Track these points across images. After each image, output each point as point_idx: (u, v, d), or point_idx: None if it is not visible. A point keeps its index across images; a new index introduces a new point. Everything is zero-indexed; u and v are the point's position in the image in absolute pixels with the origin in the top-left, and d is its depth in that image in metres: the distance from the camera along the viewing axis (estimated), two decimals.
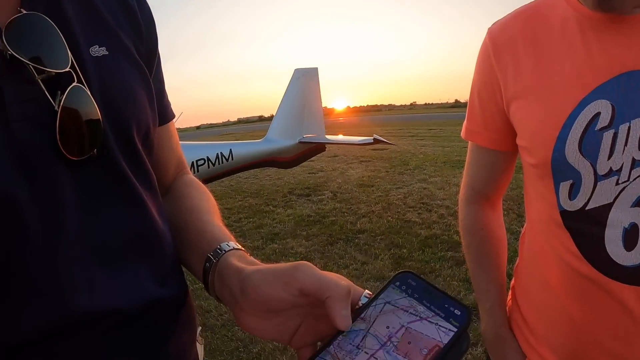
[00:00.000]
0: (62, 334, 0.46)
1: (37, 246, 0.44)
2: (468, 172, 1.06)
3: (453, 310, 0.41)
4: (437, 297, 0.43)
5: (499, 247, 1.08)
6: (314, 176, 9.85)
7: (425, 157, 11.91)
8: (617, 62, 0.71)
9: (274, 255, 4.87)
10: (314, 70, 7.22)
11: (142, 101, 0.59)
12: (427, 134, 20.69)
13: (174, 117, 0.78)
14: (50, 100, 0.46)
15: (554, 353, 0.90)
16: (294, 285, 0.44)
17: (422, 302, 0.43)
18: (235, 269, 0.51)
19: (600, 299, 0.78)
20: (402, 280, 0.46)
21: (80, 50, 0.51)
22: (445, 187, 7.82)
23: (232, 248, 0.56)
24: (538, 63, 0.80)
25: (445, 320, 0.41)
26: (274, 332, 0.49)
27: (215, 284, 0.54)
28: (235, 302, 0.49)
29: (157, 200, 0.63)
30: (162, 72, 0.72)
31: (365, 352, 0.41)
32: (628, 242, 0.73)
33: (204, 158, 5.08)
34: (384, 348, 0.40)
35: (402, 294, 0.45)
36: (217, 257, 0.55)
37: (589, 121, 0.73)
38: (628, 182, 0.71)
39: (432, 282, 0.45)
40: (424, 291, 0.44)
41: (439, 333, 0.40)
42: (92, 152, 0.49)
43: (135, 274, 0.54)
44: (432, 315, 0.42)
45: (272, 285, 0.45)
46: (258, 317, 0.48)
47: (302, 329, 0.49)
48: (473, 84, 0.95)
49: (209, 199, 0.74)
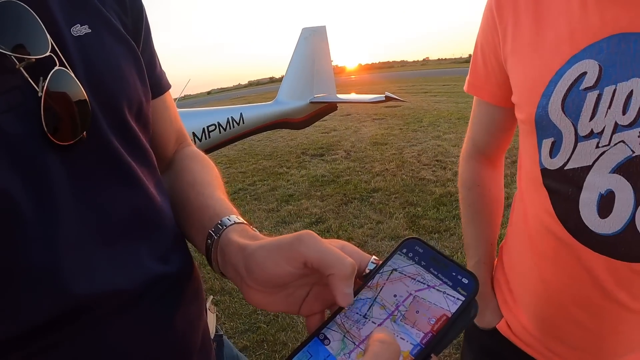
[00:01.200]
0: (65, 320, 0.46)
1: (34, 236, 0.43)
2: (471, 126, 1.07)
3: (460, 279, 0.41)
4: (444, 265, 0.42)
5: (494, 205, 1.08)
6: (326, 136, 9.81)
7: (439, 113, 11.77)
8: (611, 22, 0.68)
9: (289, 217, 4.90)
10: (322, 29, 7.08)
11: (130, 76, 0.58)
12: (440, 90, 20.39)
13: (169, 88, 0.76)
14: (34, 87, 0.45)
15: (527, 315, 0.92)
16: (297, 259, 0.44)
17: (429, 269, 0.43)
18: (238, 246, 0.50)
19: (570, 264, 0.79)
20: (409, 247, 0.46)
21: (61, 32, 0.50)
22: (460, 143, 7.68)
23: (234, 222, 0.55)
24: (536, 20, 0.78)
25: (452, 289, 0.40)
26: (283, 304, 0.48)
27: (219, 260, 0.54)
28: (241, 279, 0.49)
29: (155, 176, 0.62)
30: (152, 43, 0.71)
31: (372, 322, 0.41)
32: (603, 209, 0.72)
33: (215, 123, 5.05)
34: (392, 317, 0.40)
35: (409, 261, 0.44)
36: (218, 233, 0.54)
37: (574, 80, 0.71)
38: (608, 146, 0.70)
39: (439, 249, 0.44)
40: (431, 259, 0.44)
41: (446, 302, 0.40)
42: (82, 135, 0.48)
43: (136, 253, 0.54)
44: (440, 283, 0.41)
45: (276, 261, 0.45)
46: (265, 292, 0.47)
47: (310, 297, 0.49)
48: (477, 38, 0.95)
49: (211, 170, 0.73)
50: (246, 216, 2.10)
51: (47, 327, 0.45)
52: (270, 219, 4.89)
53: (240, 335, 2.82)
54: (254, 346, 2.72)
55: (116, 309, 0.50)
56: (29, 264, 0.43)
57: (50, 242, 0.45)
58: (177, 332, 0.59)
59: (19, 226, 0.43)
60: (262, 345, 2.72)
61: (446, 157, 6.89)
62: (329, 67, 7.24)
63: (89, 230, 0.49)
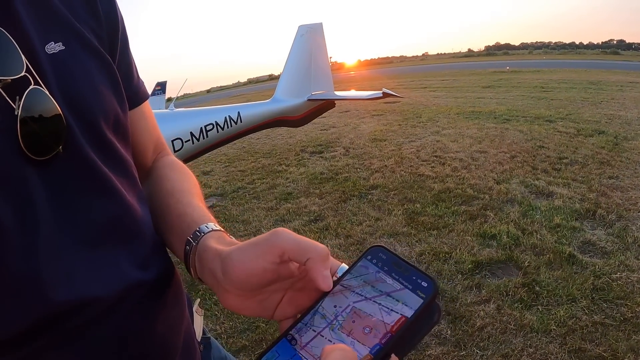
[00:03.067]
0: (46, 327, 0.47)
1: (14, 246, 0.44)
2: None
3: (420, 282, 0.43)
4: (405, 270, 0.45)
5: None
6: (325, 133, 9.80)
7: (437, 108, 11.77)
8: None
9: (287, 215, 4.89)
10: (318, 26, 7.05)
11: (105, 90, 0.59)
12: (439, 85, 20.38)
13: (147, 98, 0.78)
14: (11, 106, 0.47)
15: None
16: (274, 252, 0.46)
17: (390, 274, 0.45)
18: (215, 251, 0.52)
19: None
20: (374, 254, 0.48)
21: (36, 50, 0.51)
22: (459, 139, 7.74)
23: (211, 230, 0.57)
24: None
25: (412, 292, 0.43)
26: (258, 309, 0.51)
27: (197, 267, 0.56)
28: (218, 284, 0.50)
29: (134, 185, 0.64)
30: (130, 54, 0.72)
31: (312, 330, 0.44)
32: None
33: (212, 123, 5.04)
34: (331, 326, 0.43)
35: (373, 267, 0.47)
36: (196, 240, 0.56)
37: None
38: None
39: (401, 255, 0.47)
40: (392, 264, 0.46)
41: (389, 313, 0.42)
42: (58, 149, 0.50)
43: (115, 260, 0.55)
44: (400, 287, 0.44)
45: (252, 258, 0.47)
46: (242, 297, 0.49)
47: (284, 302, 0.51)
48: None
49: (189, 179, 0.75)
50: (245, 215, 2.13)
51: (27, 335, 0.46)
52: (269, 218, 4.88)
53: (239, 335, 2.82)
54: (252, 345, 2.71)
55: (96, 315, 0.51)
56: (8, 273, 0.44)
57: (30, 251, 0.45)
58: (157, 337, 0.60)
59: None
60: (260, 344, 2.71)
61: (445, 152, 6.88)
62: (327, 64, 7.22)
63: (68, 240, 0.50)
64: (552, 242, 3.64)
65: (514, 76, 22.59)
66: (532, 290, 2.99)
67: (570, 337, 2.51)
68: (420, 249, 3.74)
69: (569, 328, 2.59)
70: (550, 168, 5.69)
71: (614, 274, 3.09)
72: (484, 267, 3.35)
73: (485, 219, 4.23)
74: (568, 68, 27.96)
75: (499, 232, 3.87)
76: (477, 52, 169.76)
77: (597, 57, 62.76)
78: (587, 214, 4.19)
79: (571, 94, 13.06)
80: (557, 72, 24.29)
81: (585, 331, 2.55)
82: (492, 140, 7.37)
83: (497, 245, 3.67)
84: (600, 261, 3.30)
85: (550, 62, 38.46)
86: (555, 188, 4.92)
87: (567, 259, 3.35)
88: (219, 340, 2.75)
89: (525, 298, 2.90)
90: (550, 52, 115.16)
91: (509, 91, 15.14)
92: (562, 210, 4.26)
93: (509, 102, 11.99)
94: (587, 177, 5.21)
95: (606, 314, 2.68)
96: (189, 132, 4.74)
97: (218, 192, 6.04)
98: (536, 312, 2.76)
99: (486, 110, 10.77)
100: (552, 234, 3.80)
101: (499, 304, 2.87)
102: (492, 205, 4.55)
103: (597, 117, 8.82)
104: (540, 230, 3.88)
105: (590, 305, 2.78)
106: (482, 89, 16.66)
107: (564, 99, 12.01)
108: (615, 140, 6.82)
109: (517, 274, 3.22)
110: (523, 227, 3.97)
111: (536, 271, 3.21)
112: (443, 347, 2.53)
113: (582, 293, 2.90)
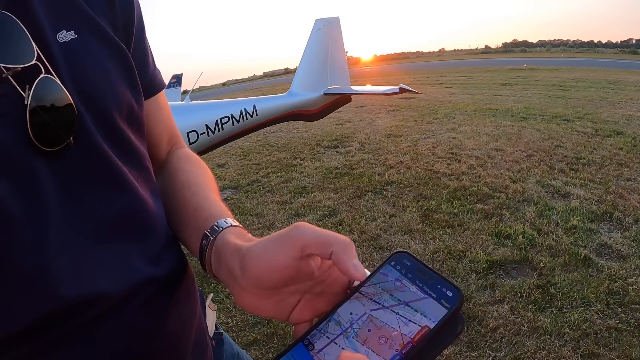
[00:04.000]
0: (54, 322, 0.46)
1: (22, 238, 0.44)
2: None
3: (445, 291, 0.42)
4: (430, 278, 0.44)
5: None
6: (341, 127, 9.78)
7: (454, 105, 11.66)
8: None
9: (301, 209, 4.89)
10: (335, 20, 7.01)
11: (118, 80, 0.58)
12: (456, 82, 20.21)
13: (163, 88, 0.76)
14: (21, 95, 0.46)
15: None
16: (295, 246, 0.44)
17: (414, 282, 0.44)
18: (234, 247, 0.50)
19: None
20: (398, 260, 0.47)
21: (47, 39, 0.50)
22: (475, 136, 7.68)
23: (230, 225, 0.56)
24: None
25: (436, 301, 0.41)
26: (273, 309, 0.49)
27: (212, 262, 0.55)
28: (234, 280, 0.49)
29: (148, 178, 0.63)
30: (146, 42, 0.71)
31: (326, 337, 0.43)
32: None
33: (228, 116, 5.04)
34: (344, 334, 0.42)
35: (397, 273, 0.46)
36: (215, 234, 0.55)
37: None
38: None
39: (426, 262, 0.46)
40: (417, 271, 0.45)
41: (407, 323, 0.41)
42: (69, 140, 0.49)
43: (126, 255, 0.54)
44: (424, 296, 0.42)
45: (272, 253, 0.45)
46: (258, 296, 0.48)
47: (301, 305, 0.50)
48: None
49: (205, 172, 0.73)
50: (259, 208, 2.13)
51: (36, 329, 0.45)
52: (283, 212, 4.89)
53: (251, 328, 2.84)
54: (264, 339, 2.73)
55: (105, 312, 0.51)
56: (16, 265, 0.44)
57: (39, 244, 0.45)
58: (168, 334, 0.59)
59: (7, 227, 0.43)
60: (272, 338, 2.73)
61: (461, 149, 6.83)
62: (343, 59, 7.18)
63: (77, 234, 0.49)
64: (568, 244, 3.60)
65: (532, 74, 22.31)
66: (547, 292, 2.97)
67: (584, 341, 2.49)
68: (434, 246, 3.72)
69: (582, 332, 2.56)
70: (568, 168, 5.63)
71: (629, 278, 3.05)
72: (499, 267, 3.32)
73: (501, 218, 4.20)
74: (586, 67, 27.56)
75: (514, 231, 3.84)
76: (494, 49, 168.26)
77: (616, 56, 61.86)
78: (603, 216, 4.14)
79: (589, 93, 12.88)
80: (575, 70, 23.97)
81: (599, 335, 2.52)
82: (508, 139, 7.30)
83: (512, 245, 3.64)
84: (616, 265, 3.26)
85: (568, 61, 37.93)
86: (572, 189, 4.87)
87: (583, 261, 3.31)
88: (231, 333, 2.78)
89: (540, 300, 2.88)
90: (568, 50, 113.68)
91: (526, 89, 14.99)
92: (579, 212, 4.21)
93: (526, 100, 11.88)
94: (605, 179, 5.14)
95: (621, 319, 2.65)
96: (204, 125, 4.75)
97: (232, 185, 6.07)
98: (550, 315, 2.74)
99: (503, 108, 10.67)
100: (568, 236, 3.76)
101: (513, 305, 2.85)
102: (507, 205, 4.52)
103: (616, 118, 8.68)
104: (556, 231, 3.85)
105: (605, 309, 2.76)
106: (499, 86, 16.51)
107: (582, 98, 11.85)
108: (634, 142, 6.71)
109: (532, 275, 3.20)
110: (539, 228, 3.94)
111: (551, 273, 3.18)
112: (455, 347, 2.52)
113: (597, 297, 2.87)
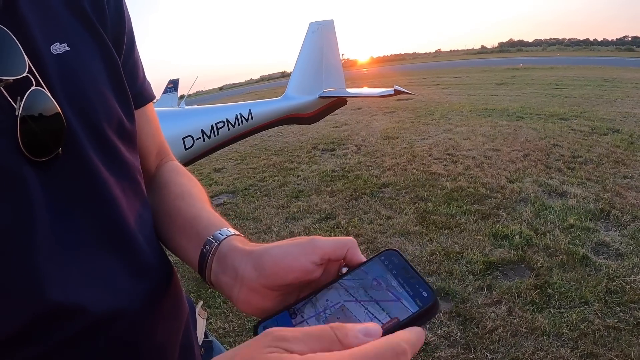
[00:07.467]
0: (38, 333, 0.46)
1: (10, 245, 0.44)
2: None
3: (422, 292, 0.45)
4: (411, 277, 0.47)
5: None
6: (337, 130, 9.79)
7: (450, 106, 11.69)
8: None
9: (298, 213, 4.88)
10: (329, 23, 7.03)
11: (109, 93, 0.59)
12: (452, 82, 20.26)
13: (152, 99, 0.77)
14: (13, 106, 0.46)
15: None
16: (317, 253, 0.49)
17: (397, 278, 0.47)
18: (244, 250, 0.53)
19: None
20: (387, 256, 0.50)
21: (40, 51, 0.51)
22: (471, 137, 7.68)
23: (233, 234, 0.58)
24: None
25: (411, 298, 0.44)
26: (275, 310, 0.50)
27: (213, 267, 0.55)
28: (241, 282, 0.51)
29: (137, 191, 0.63)
30: (136, 54, 0.71)
31: (300, 316, 0.46)
32: None
33: (224, 120, 5.04)
34: (316, 316, 0.46)
35: (382, 269, 0.49)
36: (218, 240, 0.56)
37: None
38: None
39: (413, 264, 0.51)
40: (401, 269, 0.48)
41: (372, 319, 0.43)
42: (57, 151, 0.50)
43: (111, 268, 0.54)
44: (402, 291, 0.45)
45: (294, 255, 0.49)
46: (264, 296, 0.50)
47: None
48: None
49: (197, 185, 0.74)
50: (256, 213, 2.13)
51: (21, 338, 0.45)
52: (279, 216, 4.88)
53: (247, 333, 2.82)
54: None
55: (89, 324, 0.50)
56: (5, 271, 0.43)
57: (24, 252, 0.45)
58: (153, 348, 0.59)
59: None
60: None
61: (457, 150, 6.83)
62: (338, 61, 7.20)
63: (63, 244, 0.49)
64: (566, 243, 3.59)
65: (528, 73, 22.38)
66: (544, 292, 2.96)
67: (582, 341, 2.48)
68: (431, 248, 3.72)
69: (581, 332, 2.55)
70: (564, 167, 5.63)
71: (628, 277, 3.04)
72: (496, 268, 3.32)
73: (498, 219, 4.20)
74: (582, 65, 27.69)
75: (511, 232, 3.84)
76: (490, 49, 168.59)
77: (612, 53, 62.05)
78: (601, 214, 4.13)
79: (585, 92, 12.91)
80: (571, 69, 24.06)
81: (598, 335, 2.51)
82: (505, 138, 7.30)
83: (509, 245, 3.64)
84: (614, 263, 3.25)
85: (564, 59, 38.09)
86: (569, 187, 4.87)
87: (581, 260, 3.31)
88: (228, 338, 2.76)
89: (537, 300, 2.87)
90: (564, 49, 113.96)
91: (522, 88, 15.03)
92: (576, 211, 4.21)
93: (523, 100, 11.91)
94: (602, 177, 5.14)
95: (619, 318, 2.64)
96: (200, 130, 4.75)
97: (229, 190, 6.07)
98: (548, 315, 2.73)
99: (499, 108, 10.69)
100: (565, 235, 3.76)
101: (510, 305, 2.84)
102: (504, 205, 4.52)
103: (612, 115, 8.70)
104: (553, 231, 3.84)
105: (603, 308, 2.75)
106: (495, 86, 16.55)
107: (578, 97, 11.88)
108: (630, 139, 6.72)
109: (529, 275, 3.19)
110: (536, 227, 3.93)
111: (549, 273, 3.18)
112: (452, 349, 2.51)
113: (595, 296, 2.86)
